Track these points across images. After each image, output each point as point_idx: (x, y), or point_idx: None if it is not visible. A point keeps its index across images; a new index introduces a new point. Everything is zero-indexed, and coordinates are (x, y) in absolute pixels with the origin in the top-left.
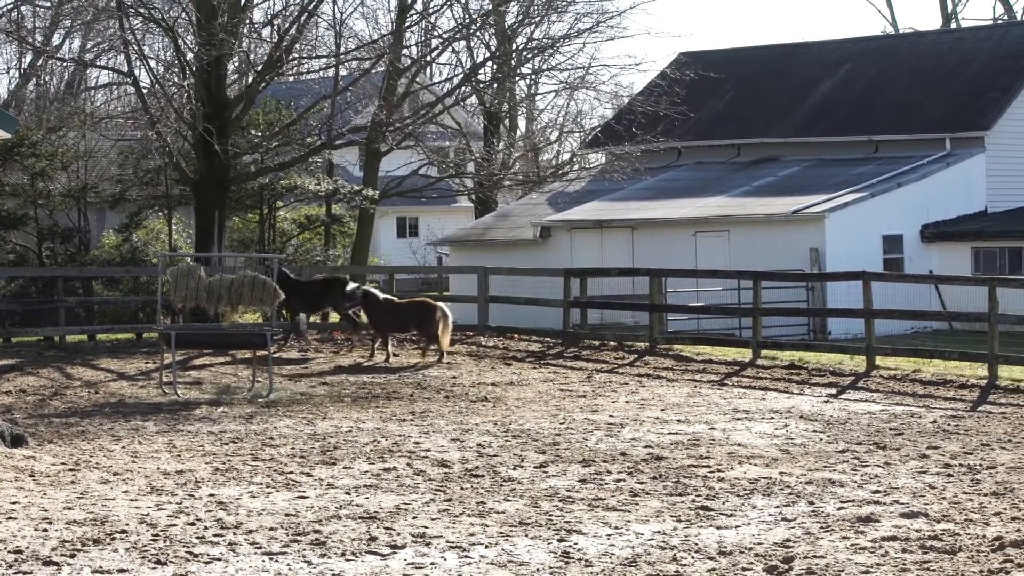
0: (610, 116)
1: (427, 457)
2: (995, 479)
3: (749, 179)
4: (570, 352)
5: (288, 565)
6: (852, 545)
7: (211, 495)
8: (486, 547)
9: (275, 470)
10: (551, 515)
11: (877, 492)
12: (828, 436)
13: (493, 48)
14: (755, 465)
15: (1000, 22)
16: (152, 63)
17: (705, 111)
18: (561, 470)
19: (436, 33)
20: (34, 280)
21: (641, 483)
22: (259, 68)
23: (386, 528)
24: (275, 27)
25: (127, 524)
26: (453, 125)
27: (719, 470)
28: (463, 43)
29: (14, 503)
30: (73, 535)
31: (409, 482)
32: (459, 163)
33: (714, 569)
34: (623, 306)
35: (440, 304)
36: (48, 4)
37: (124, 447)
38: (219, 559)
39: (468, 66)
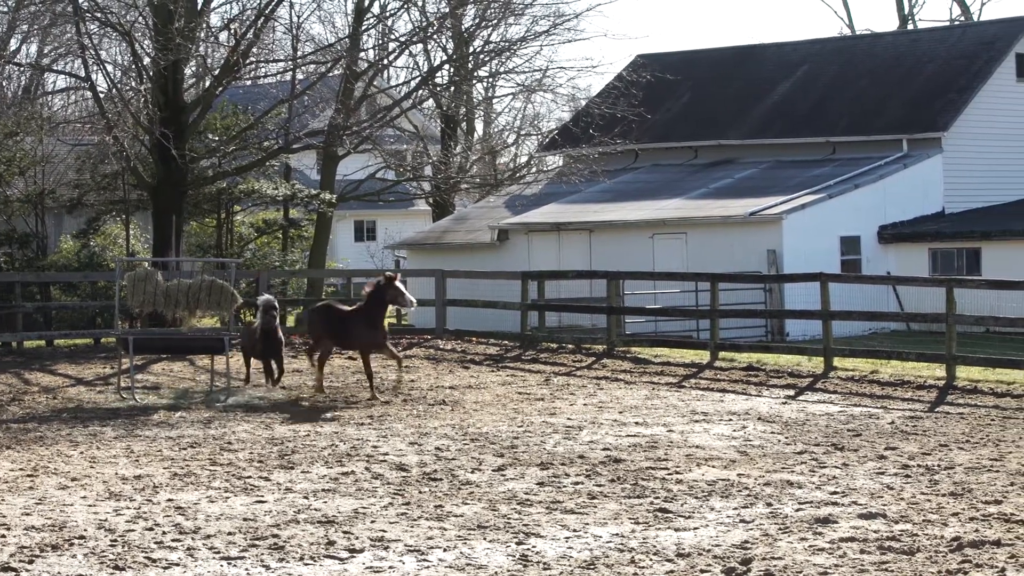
0: (567, 119)
1: (385, 461)
2: (953, 480)
3: (706, 181)
4: (528, 355)
5: (246, 570)
6: (810, 546)
7: (169, 500)
8: (444, 550)
9: (233, 475)
10: (509, 518)
11: (835, 493)
12: (786, 437)
13: (450, 51)
14: (713, 467)
15: (957, 23)
16: (109, 68)
17: (662, 113)
18: (519, 473)
19: (393, 36)
20: None
21: (599, 486)
22: (216, 72)
23: (344, 532)
24: (232, 31)
25: (85, 530)
26: (410, 128)
27: (677, 472)
28: (420, 46)
29: None
30: (31, 541)
31: (367, 486)
32: (416, 166)
33: (672, 571)
34: (581, 308)
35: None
36: (4, 8)
37: (82, 453)
38: (177, 564)
39: (425, 69)
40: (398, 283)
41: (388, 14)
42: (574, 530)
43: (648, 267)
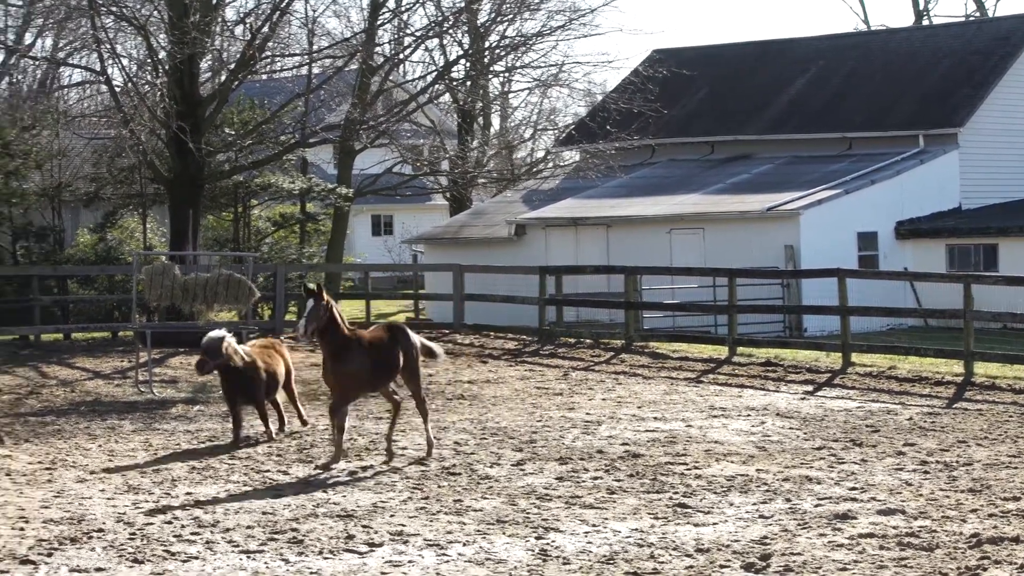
0: (584, 114)
1: (404, 455)
2: (972, 476)
3: (723, 176)
4: (546, 350)
5: (265, 563)
6: (829, 542)
7: (188, 494)
8: (464, 545)
9: (252, 468)
10: (528, 513)
11: (854, 489)
12: (805, 433)
13: (466, 46)
14: (732, 462)
15: (972, 18)
16: (125, 62)
17: (679, 108)
18: (538, 468)
19: (409, 31)
20: (8, 279)
21: (618, 481)
22: (232, 66)
23: (364, 526)
24: (247, 25)
25: (104, 523)
26: (427, 123)
27: (696, 467)
28: (436, 41)
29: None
30: (50, 534)
31: (386, 480)
32: (433, 161)
33: (692, 566)
34: (599, 304)
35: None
36: (20, 3)
37: (101, 446)
38: (196, 557)
39: (441, 64)
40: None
41: (403, 9)
42: (593, 525)
43: (665, 262)
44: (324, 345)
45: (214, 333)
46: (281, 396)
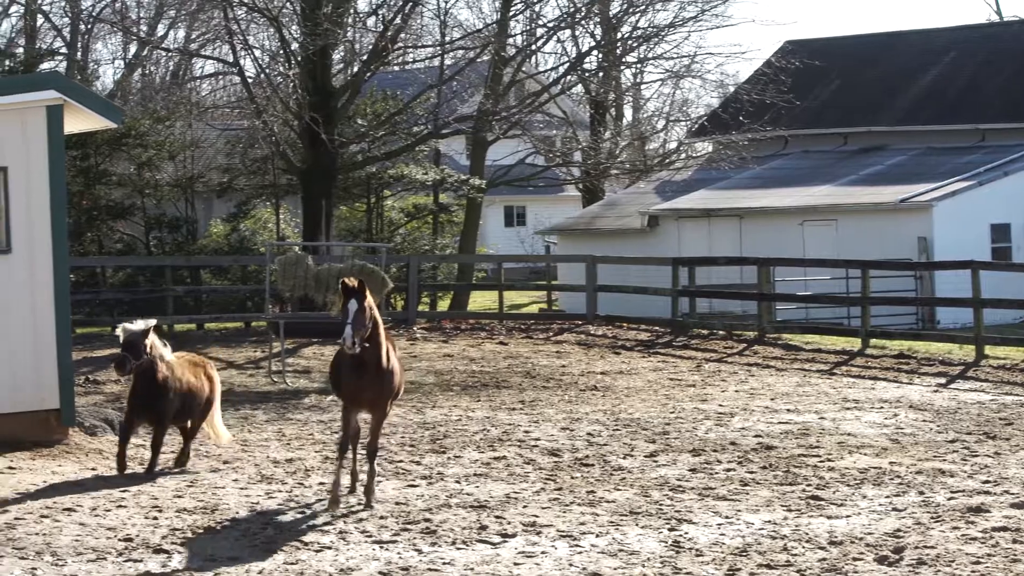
0: (716, 105)
1: (537, 446)
2: None
3: (856, 167)
4: (679, 341)
5: (398, 553)
6: (963, 535)
7: (321, 484)
8: (596, 536)
9: (385, 459)
10: (661, 504)
11: (987, 482)
12: (938, 426)
13: (598, 37)
14: (865, 455)
15: None
16: (257, 53)
17: (811, 99)
18: (671, 459)
19: (541, 22)
20: (142, 269)
21: (751, 472)
22: (364, 58)
23: (496, 517)
24: (380, 16)
25: (237, 512)
26: (559, 114)
27: (829, 460)
28: (568, 32)
29: (124, 491)
30: (183, 523)
31: (519, 471)
32: (566, 152)
33: (825, 559)
34: (731, 295)
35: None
36: None
37: (233, 436)
38: (329, 547)
39: (573, 55)
40: None
41: (536, 0)
42: (726, 517)
43: (798, 254)
44: (362, 353)
45: (133, 325)
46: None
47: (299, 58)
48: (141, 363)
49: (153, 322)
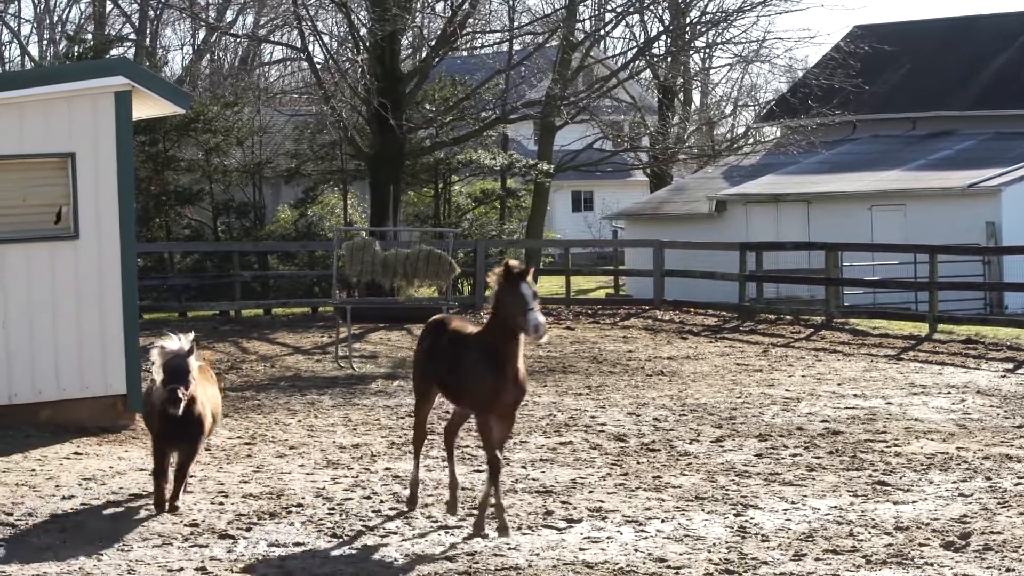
0: (785, 89)
1: (603, 431)
2: None
3: (925, 152)
4: (746, 326)
5: (464, 539)
6: None
7: (387, 469)
8: (662, 521)
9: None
10: (727, 490)
11: None
12: (1005, 411)
13: (666, 22)
14: (932, 440)
15: None
16: (326, 38)
17: (880, 84)
18: (737, 444)
19: (610, 7)
20: (209, 255)
21: (817, 458)
22: (433, 43)
23: (562, 502)
24: (448, 2)
25: (303, 498)
26: (627, 99)
27: (896, 445)
28: (636, 17)
29: (190, 476)
30: (249, 508)
31: (585, 456)
32: (634, 137)
33: (891, 544)
34: (799, 280)
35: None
36: None
37: (300, 421)
38: (395, 532)
39: (642, 40)
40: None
41: None
42: (792, 502)
43: (866, 239)
44: (515, 346)
45: (173, 344)
46: None
47: (367, 43)
48: (191, 392)
49: (192, 336)
